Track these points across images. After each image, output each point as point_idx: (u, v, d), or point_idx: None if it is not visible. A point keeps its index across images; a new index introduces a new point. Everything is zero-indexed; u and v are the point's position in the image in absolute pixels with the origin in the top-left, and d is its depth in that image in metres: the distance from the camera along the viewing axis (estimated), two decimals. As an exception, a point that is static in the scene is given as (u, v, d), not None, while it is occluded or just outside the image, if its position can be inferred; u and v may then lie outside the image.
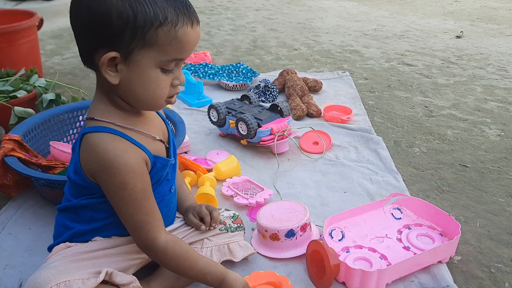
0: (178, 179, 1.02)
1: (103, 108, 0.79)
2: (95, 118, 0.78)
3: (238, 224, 1.03)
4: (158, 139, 0.85)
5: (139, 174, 0.77)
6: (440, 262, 1.02)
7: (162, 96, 0.78)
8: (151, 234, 0.81)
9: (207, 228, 0.97)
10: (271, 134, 1.47)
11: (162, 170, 0.85)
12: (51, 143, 1.35)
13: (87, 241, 0.86)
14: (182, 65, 0.79)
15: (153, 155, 0.81)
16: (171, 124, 1.42)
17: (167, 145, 0.89)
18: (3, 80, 1.69)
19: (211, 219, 0.98)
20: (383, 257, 1.04)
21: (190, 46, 0.76)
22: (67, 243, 0.86)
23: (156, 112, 0.92)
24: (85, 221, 0.86)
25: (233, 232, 1.02)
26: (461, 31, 3.16)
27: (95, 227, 0.86)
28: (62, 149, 1.32)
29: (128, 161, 0.76)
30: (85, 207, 0.84)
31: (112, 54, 0.71)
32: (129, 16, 0.69)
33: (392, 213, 1.17)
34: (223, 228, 1.01)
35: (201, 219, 0.98)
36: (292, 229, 1.03)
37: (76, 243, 0.86)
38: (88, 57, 0.75)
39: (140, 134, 0.82)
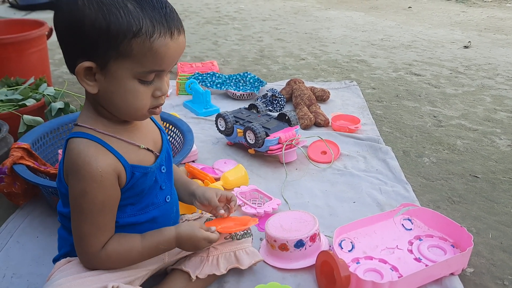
0: (176, 173, 1.00)
1: (88, 115, 0.79)
2: (78, 124, 0.78)
3: (245, 231, 1.01)
4: (144, 148, 0.83)
5: (103, 186, 0.75)
6: (452, 274, 1.01)
7: (141, 107, 0.76)
8: (93, 247, 0.79)
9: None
10: (279, 143, 1.47)
11: (144, 178, 0.82)
12: (59, 151, 1.35)
13: None
14: (167, 76, 0.78)
15: (130, 164, 0.79)
16: (179, 133, 1.42)
17: (157, 154, 0.86)
18: (13, 89, 1.70)
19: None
20: (394, 268, 1.02)
21: (169, 58, 0.73)
22: (68, 258, 0.85)
23: (152, 120, 0.90)
24: None
25: (239, 239, 1.00)
26: (469, 41, 3.15)
27: None
28: (70, 158, 1.32)
29: (95, 171, 0.74)
30: None
31: (87, 64, 0.70)
32: (102, 26, 0.68)
33: (402, 224, 1.16)
34: (228, 237, 0.99)
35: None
36: (301, 239, 1.02)
37: (76, 257, 0.84)
38: (70, 65, 0.74)
39: (122, 142, 0.80)
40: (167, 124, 1.47)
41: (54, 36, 2.30)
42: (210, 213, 0.99)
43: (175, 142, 1.45)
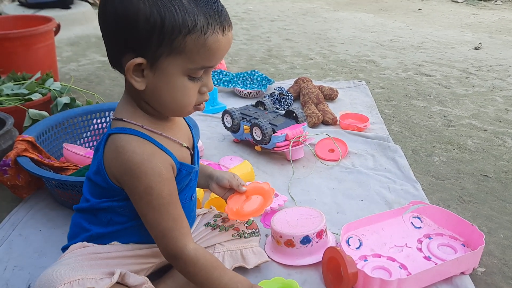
0: None
1: (132, 110, 0.77)
2: (123, 119, 0.76)
3: (253, 230, 1.00)
4: (185, 146, 0.82)
5: (166, 179, 0.75)
6: (463, 273, 0.98)
7: (189, 103, 0.75)
8: (179, 241, 0.77)
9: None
10: (286, 140, 1.44)
11: (186, 177, 0.82)
12: (64, 145, 1.34)
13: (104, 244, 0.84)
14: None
15: (179, 162, 0.79)
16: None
17: (192, 151, 0.86)
18: (19, 83, 1.70)
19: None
20: (402, 266, 0.99)
21: (220, 53, 0.72)
22: (84, 242, 0.83)
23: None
24: (104, 224, 0.83)
25: (246, 238, 0.98)
26: (480, 43, 3.11)
27: (113, 230, 0.83)
28: (75, 151, 1.31)
29: (155, 166, 0.73)
30: (104, 209, 0.81)
31: (138, 60, 0.69)
32: (156, 22, 0.66)
33: (411, 222, 1.13)
34: (236, 235, 0.97)
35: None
36: (307, 235, 0.99)
37: (94, 244, 0.83)
38: (115, 60, 0.73)
39: (168, 139, 0.79)
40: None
41: (62, 34, 2.31)
42: (223, 197, 0.98)
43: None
